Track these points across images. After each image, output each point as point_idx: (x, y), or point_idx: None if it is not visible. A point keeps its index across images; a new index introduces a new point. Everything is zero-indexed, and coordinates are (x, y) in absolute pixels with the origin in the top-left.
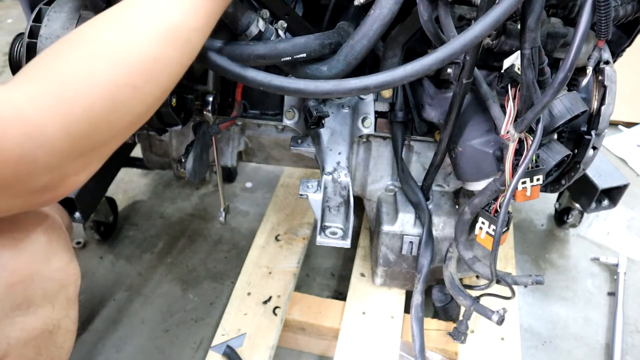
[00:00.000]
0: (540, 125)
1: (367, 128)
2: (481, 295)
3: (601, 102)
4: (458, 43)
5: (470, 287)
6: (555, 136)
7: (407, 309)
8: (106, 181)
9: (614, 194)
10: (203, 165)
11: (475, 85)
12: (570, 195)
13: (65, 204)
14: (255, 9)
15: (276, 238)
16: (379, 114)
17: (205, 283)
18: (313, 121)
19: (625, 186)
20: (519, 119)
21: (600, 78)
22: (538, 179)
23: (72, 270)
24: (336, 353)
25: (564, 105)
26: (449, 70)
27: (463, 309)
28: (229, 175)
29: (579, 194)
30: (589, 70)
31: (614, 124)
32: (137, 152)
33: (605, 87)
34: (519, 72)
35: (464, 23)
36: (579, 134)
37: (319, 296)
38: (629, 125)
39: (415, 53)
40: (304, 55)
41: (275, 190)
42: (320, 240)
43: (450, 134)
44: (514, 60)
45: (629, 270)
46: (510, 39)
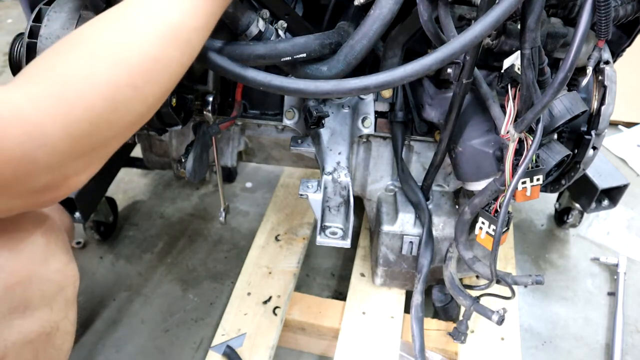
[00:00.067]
0: (540, 125)
1: (367, 128)
2: (481, 295)
3: (601, 102)
4: (458, 43)
5: (470, 287)
6: (555, 136)
7: (407, 309)
8: (106, 181)
9: (614, 194)
10: (203, 165)
11: (475, 85)
12: (570, 195)
13: (66, 204)
14: (255, 9)
15: (276, 238)
16: (379, 114)
17: (205, 283)
18: (313, 121)
19: (625, 186)
20: (519, 119)
21: (600, 78)
22: (538, 179)
23: (71, 272)
24: (336, 353)
25: (564, 105)
26: (449, 70)
27: (463, 309)
28: (229, 175)
29: (579, 194)
30: (589, 70)
31: (614, 124)
32: (137, 152)
33: (605, 87)
34: (519, 72)
35: (464, 23)
36: (579, 134)
37: (319, 296)
38: (629, 125)
39: (415, 53)
40: (304, 55)
41: (275, 190)
42: (320, 240)
43: (450, 134)
44: (514, 60)
45: (629, 270)
46: (510, 39)
